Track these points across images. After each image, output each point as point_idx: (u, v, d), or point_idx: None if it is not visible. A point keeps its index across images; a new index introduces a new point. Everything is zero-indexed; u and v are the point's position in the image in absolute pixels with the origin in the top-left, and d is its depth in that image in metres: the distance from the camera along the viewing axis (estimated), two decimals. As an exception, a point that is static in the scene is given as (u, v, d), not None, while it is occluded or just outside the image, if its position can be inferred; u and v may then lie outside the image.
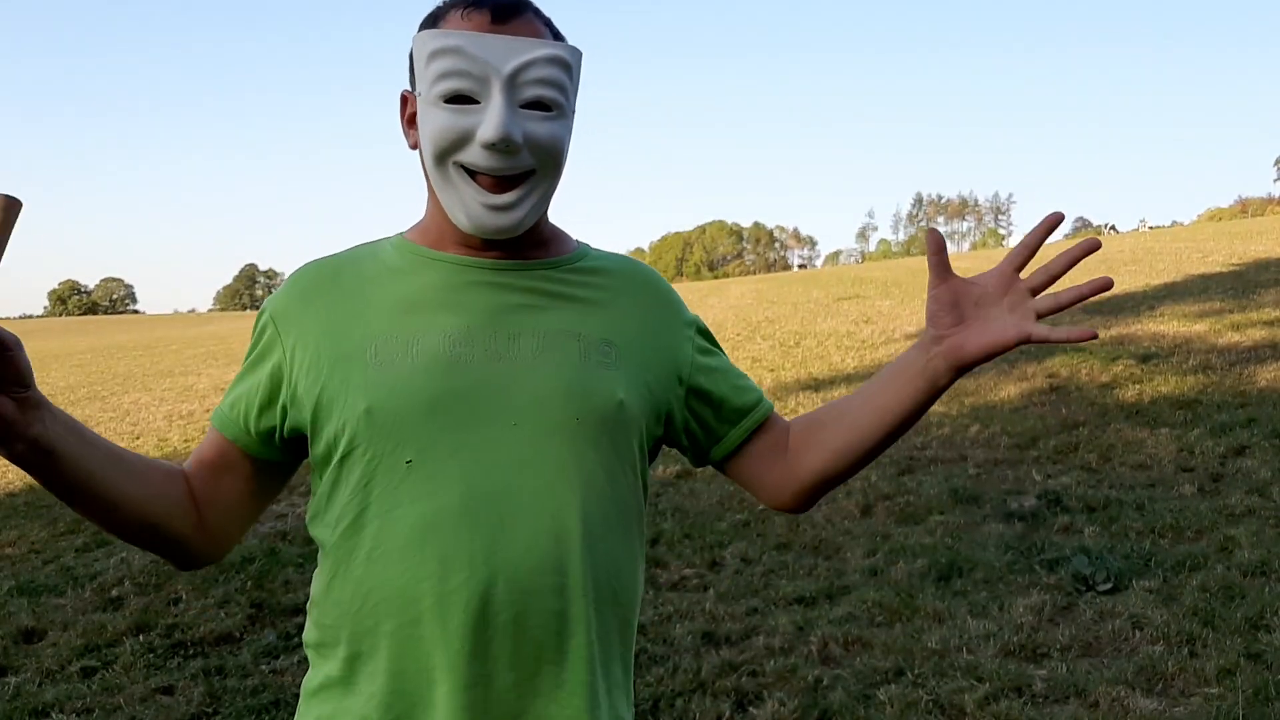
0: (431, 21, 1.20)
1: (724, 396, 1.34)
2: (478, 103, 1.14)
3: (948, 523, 5.59)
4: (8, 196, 0.97)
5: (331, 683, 1.19)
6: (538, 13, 1.22)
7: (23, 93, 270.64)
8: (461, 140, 1.14)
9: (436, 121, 1.15)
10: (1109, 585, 4.44)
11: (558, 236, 1.32)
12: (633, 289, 1.32)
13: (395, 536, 1.14)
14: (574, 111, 1.21)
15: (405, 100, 1.25)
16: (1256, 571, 4.39)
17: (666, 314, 1.33)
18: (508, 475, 1.15)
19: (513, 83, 1.13)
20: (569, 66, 1.17)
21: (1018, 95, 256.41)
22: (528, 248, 1.26)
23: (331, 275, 1.26)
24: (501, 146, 1.13)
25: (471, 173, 1.16)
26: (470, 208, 1.17)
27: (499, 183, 1.16)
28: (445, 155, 1.16)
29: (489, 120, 1.12)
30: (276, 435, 1.24)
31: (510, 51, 1.14)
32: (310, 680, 1.23)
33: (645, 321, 1.29)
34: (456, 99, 1.14)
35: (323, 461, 1.20)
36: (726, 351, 1.40)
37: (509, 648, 1.14)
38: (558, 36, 1.23)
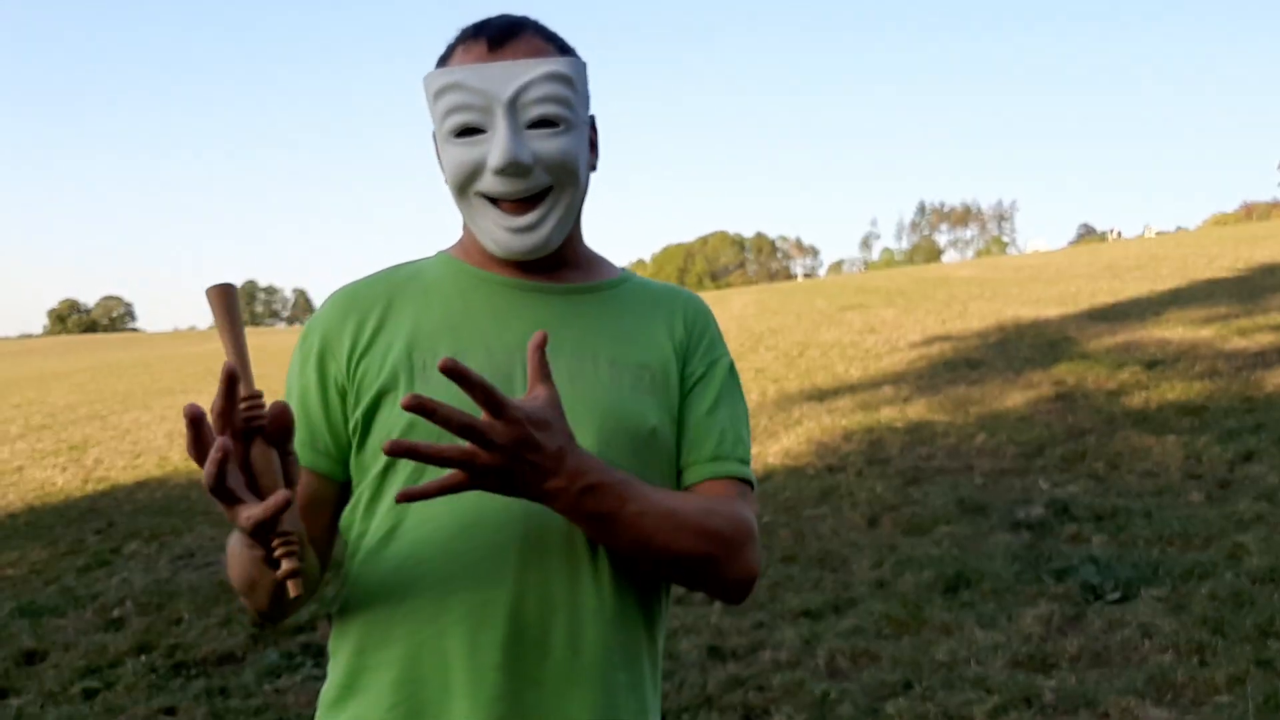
0: (441, 63, 1.23)
1: (689, 435, 1.28)
2: (484, 131, 1.17)
3: (954, 533, 5.56)
4: (221, 286, 0.99)
5: (350, 691, 1.19)
6: (539, 29, 1.23)
7: (21, 111, 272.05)
8: (476, 171, 1.18)
9: (451, 157, 1.19)
10: (1118, 594, 4.40)
11: (598, 262, 1.34)
12: (671, 316, 1.31)
13: (430, 549, 1.14)
14: (586, 122, 1.23)
15: (435, 137, 1.28)
16: (1266, 579, 4.35)
17: (703, 345, 1.31)
18: None
19: (514, 106, 1.16)
20: (569, 80, 1.19)
21: (1021, 101, 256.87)
22: (568, 271, 1.28)
23: (379, 293, 1.26)
24: (511, 170, 1.16)
25: (493, 199, 1.19)
26: (496, 234, 1.20)
27: (519, 205, 1.19)
28: (465, 187, 1.20)
29: (495, 148, 1.16)
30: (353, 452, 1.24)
31: (508, 77, 1.16)
32: (328, 690, 1.23)
33: (678, 347, 1.29)
34: (465, 132, 1.18)
35: (364, 471, 1.21)
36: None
37: (535, 666, 1.14)
38: (564, 49, 1.24)
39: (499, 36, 1.20)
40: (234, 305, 0.99)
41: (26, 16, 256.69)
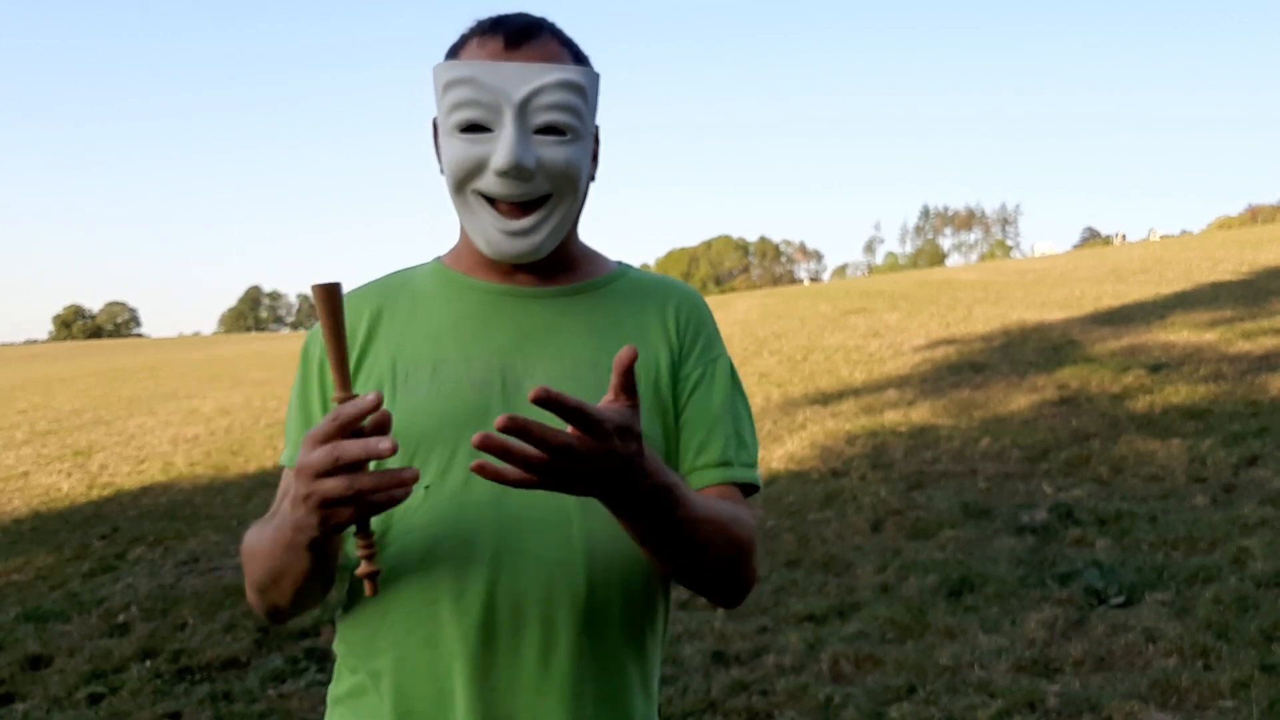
0: (453, 52, 1.22)
1: (694, 439, 1.27)
2: (491, 131, 1.16)
3: (958, 537, 5.55)
4: (325, 285, 0.99)
5: (354, 693, 1.22)
6: (556, 33, 1.22)
7: (25, 116, 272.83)
8: (477, 169, 1.17)
9: (453, 151, 1.18)
10: (1122, 599, 4.40)
11: (590, 258, 1.32)
12: (663, 314, 1.29)
13: (411, 560, 1.15)
14: (591, 133, 1.22)
15: (436, 127, 1.26)
16: (1270, 583, 4.34)
17: (699, 344, 1.29)
18: (520, 505, 1.14)
19: (524, 109, 1.15)
20: (582, 90, 1.18)
21: (1024, 104, 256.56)
22: (557, 271, 1.27)
23: (371, 304, 1.27)
24: (514, 174, 1.15)
25: (490, 199, 1.19)
26: (489, 234, 1.19)
27: (516, 208, 1.18)
28: (463, 184, 1.19)
29: (500, 149, 1.14)
30: None
31: (521, 78, 1.15)
32: (336, 688, 1.26)
33: (671, 348, 1.27)
34: (470, 128, 1.17)
35: None
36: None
37: (508, 676, 1.15)
38: (579, 56, 1.23)
39: (516, 35, 1.18)
40: (338, 305, 1.00)
41: (31, 21, 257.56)
